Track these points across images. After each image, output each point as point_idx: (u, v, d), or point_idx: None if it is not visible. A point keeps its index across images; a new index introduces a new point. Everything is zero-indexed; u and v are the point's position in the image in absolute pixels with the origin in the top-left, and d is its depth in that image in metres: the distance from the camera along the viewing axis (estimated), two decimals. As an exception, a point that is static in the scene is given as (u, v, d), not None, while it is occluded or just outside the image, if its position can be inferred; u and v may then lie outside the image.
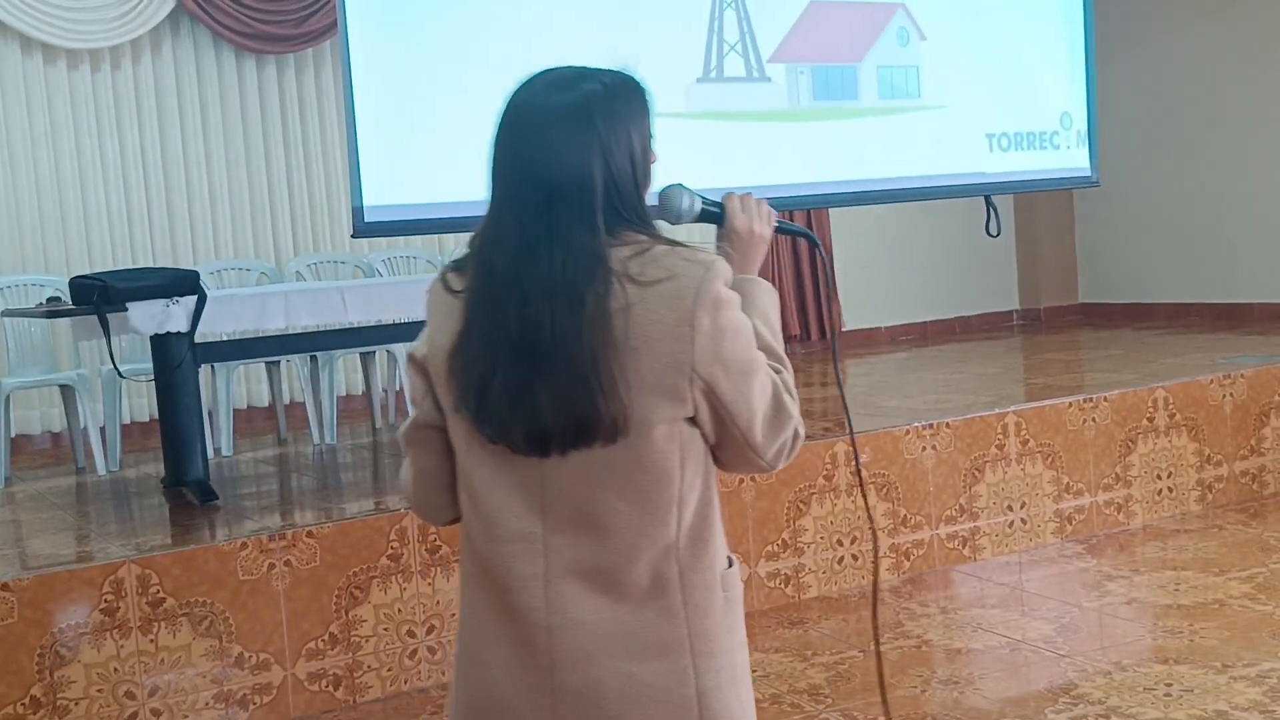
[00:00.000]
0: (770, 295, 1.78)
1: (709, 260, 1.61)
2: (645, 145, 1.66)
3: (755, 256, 1.82)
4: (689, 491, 1.63)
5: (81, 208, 7.02)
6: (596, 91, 1.64)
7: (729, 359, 1.60)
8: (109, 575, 3.77)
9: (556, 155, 1.60)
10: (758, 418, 1.64)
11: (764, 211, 1.83)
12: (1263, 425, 5.96)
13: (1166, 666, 3.85)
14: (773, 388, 1.66)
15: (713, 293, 1.58)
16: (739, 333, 1.61)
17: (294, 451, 6.23)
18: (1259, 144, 8.47)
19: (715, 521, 1.68)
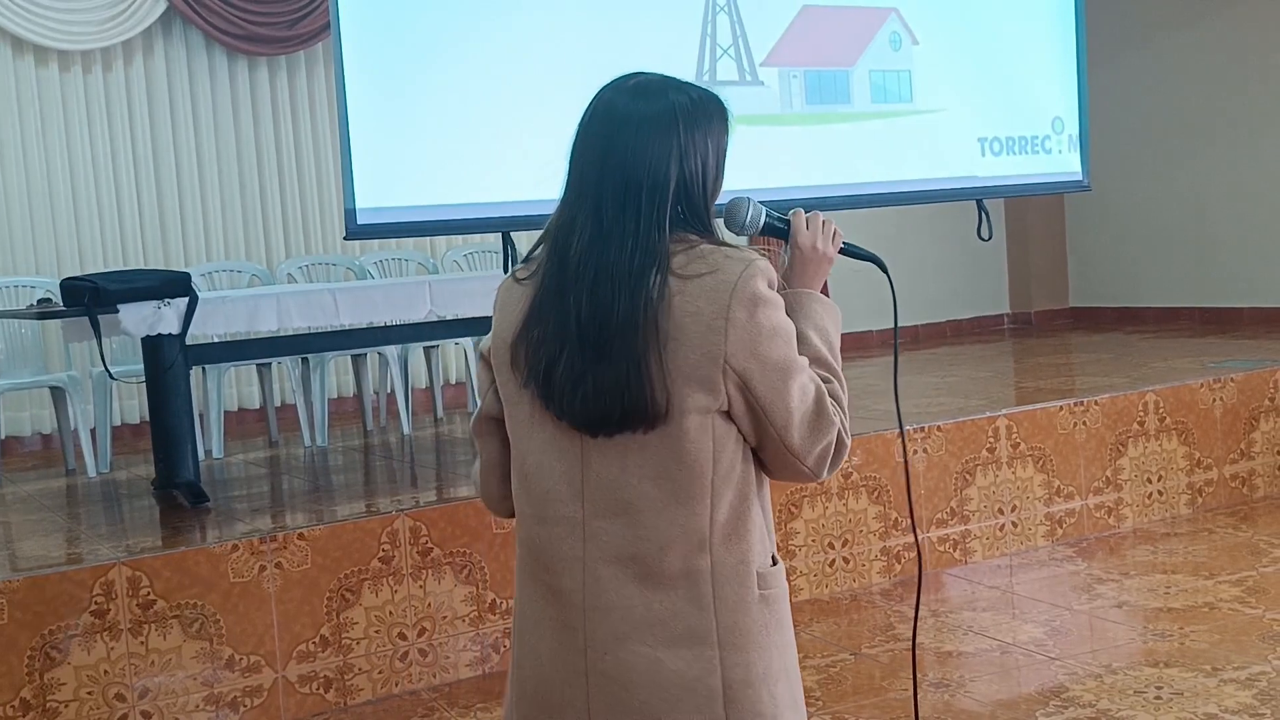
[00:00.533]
0: (828, 310, 1.83)
1: (750, 258, 1.67)
2: (720, 158, 1.77)
3: (816, 273, 1.86)
4: (723, 484, 1.68)
5: (73, 209, 7.01)
6: (682, 103, 1.75)
7: (764, 355, 1.65)
8: (99, 577, 3.76)
9: (639, 155, 1.70)
10: (794, 419, 1.68)
11: (830, 231, 1.87)
12: (1252, 429, 5.98)
13: (1157, 669, 3.86)
14: (815, 392, 1.70)
15: (750, 289, 1.65)
16: (776, 332, 1.66)
17: (285, 454, 6.23)
18: (1248, 150, 8.50)
19: (754, 518, 1.71)
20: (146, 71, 7.22)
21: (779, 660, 1.73)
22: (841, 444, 1.73)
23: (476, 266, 7.49)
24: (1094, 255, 9.71)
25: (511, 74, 5.01)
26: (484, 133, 4.92)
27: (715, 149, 1.75)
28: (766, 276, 1.67)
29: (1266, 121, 8.39)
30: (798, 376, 1.68)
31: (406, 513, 4.22)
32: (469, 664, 4.26)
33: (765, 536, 1.74)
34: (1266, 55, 8.35)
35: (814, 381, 1.71)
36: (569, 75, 4.96)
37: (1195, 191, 8.86)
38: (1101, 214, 9.44)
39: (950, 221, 8.66)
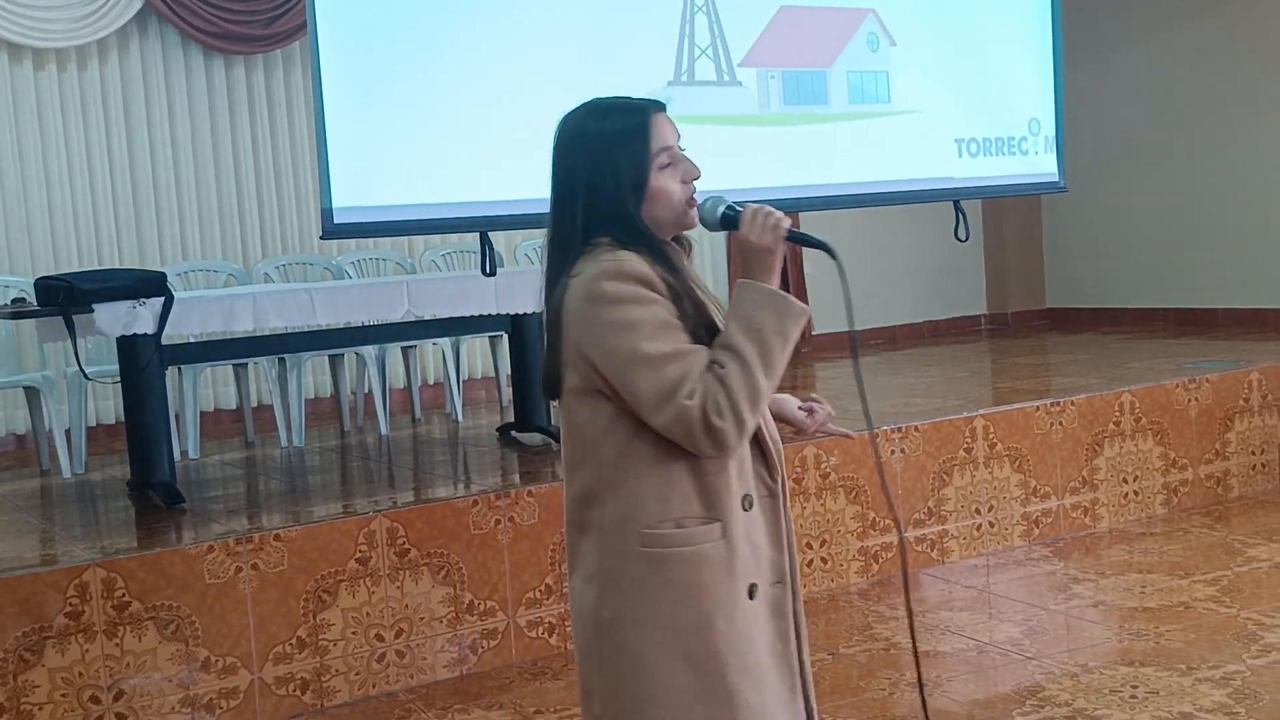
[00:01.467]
0: (760, 299, 1.93)
1: (606, 261, 1.92)
2: (633, 167, 1.96)
3: (757, 264, 1.97)
4: (603, 445, 1.95)
5: (47, 208, 6.96)
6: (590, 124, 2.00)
7: (607, 347, 1.89)
8: (74, 578, 3.74)
9: (560, 172, 2.01)
10: (644, 401, 1.89)
11: (769, 223, 1.97)
12: (1227, 429, 6.02)
13: (1132, 668, 3.88)
14: (671, 378, 1.87)
15: (593, 288, 1.90)
16: (615, 326, 1.89)
17: (261, 454, 6.20)
18: (1225, 151, 8.55)
19: (640, 479, 1.94)
20: (122, 70, 7.17)
21: (664, 611, 1.94)
22: (709, 424, 1.86)
23: (454, 266, 7.48)
24: (1070, 256, 9.75)
25: (488, 73, 4.99)
26: (461, 132, 4.91)
27: (626, 160, 1.96)
28: (616, 276, 1.89)
29: (1242, 123, 8.44)
30: (644, 363, 1.87)
31: (384, 513, 4.21)
32: (446, 665, 4.25)
33: (668, 500, 1.94)
34: (1242, 58, 8.40)
35: (681, 366, 1.87)
36: (546, 75, 4.96)
37: (1171, 193, 8.91)
38: (1078, 215, 9.48)
39: (927, 222, 8.68)
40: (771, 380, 1.90)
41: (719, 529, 1.95)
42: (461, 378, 7.32)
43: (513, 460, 5.41)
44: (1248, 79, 8.38)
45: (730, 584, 1.96)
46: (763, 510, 2.03)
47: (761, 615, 2.00)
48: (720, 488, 1.95)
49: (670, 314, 1.91)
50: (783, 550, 2.05)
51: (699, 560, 1.94)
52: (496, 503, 4.36)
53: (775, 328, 1.91)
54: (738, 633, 1.96)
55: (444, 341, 6.89)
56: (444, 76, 4.94)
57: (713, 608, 1.94)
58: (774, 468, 2.05)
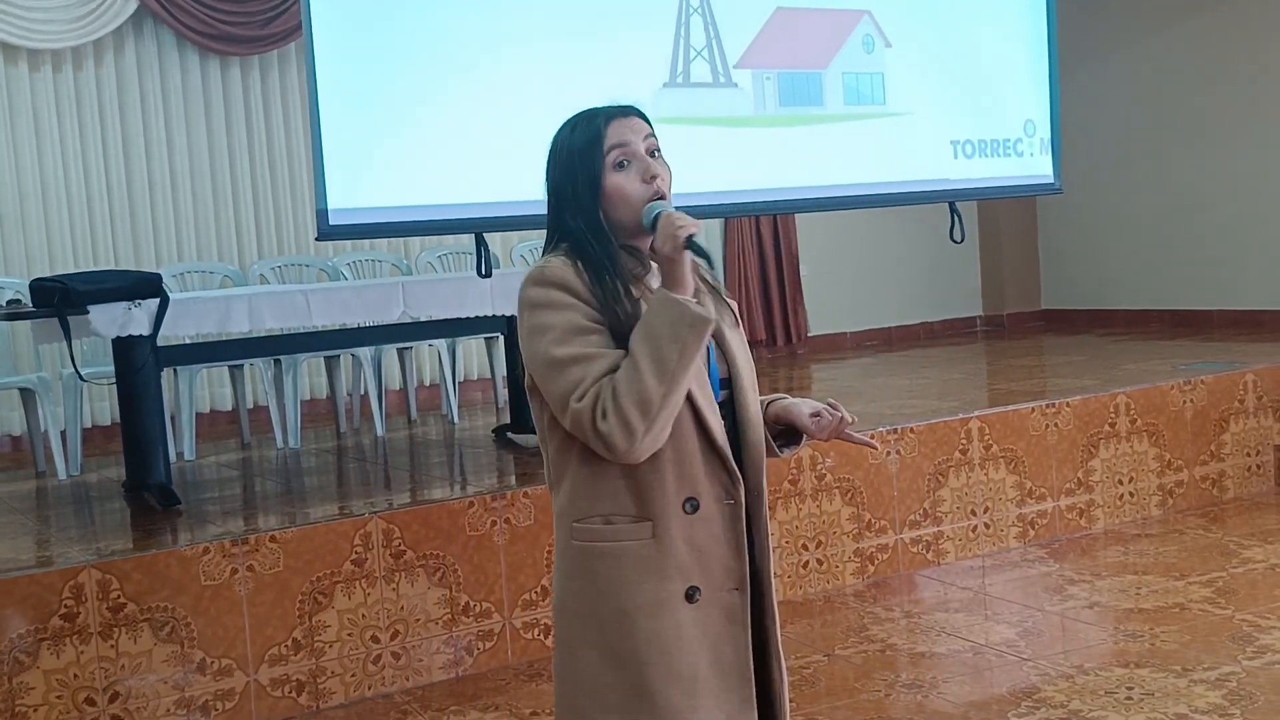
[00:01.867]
0: (663, 310, 1.92)
1: (532, 269, 1.99)
2: (585, 174, 2.00)
3: (664, 271, 1.95)
4: (549, 442, 2.03)
5: (42, 209, 6.95)
6: (558, 133, 2.06)
7: (529, 350, 1.97)
8: (69, 580, 3.73)
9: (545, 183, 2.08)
10: (550, 402, 1.96)
11: (670, 231, 1.93)
12: (1222, 431, 6.03)
13: (1128, 670, 3.88)
14: (570, 383, 1.91)
15: (522, 294, 1.98)
16: (535, 330, 1.95)
17: (257, 456, 6.19)
18: (1219, 152, 8.57)
19: (574, 475, 1.99)
20: (117, 71, 7.16)
21: (588, 604, 1.99)
22: (595, 427, 1.88)
23: (450, 268, 7.48)
24: (1066, 258, 9.76)
25: (484, 75, 5.00)
26: (457, 133, 4.91)
27: (583, 164, 2.00)
28: (541, 282, 1.95)
29: (1237, 125, 8.45)
30: (552, 366, 1.93)
31: (379, 515, 4.20)
32: (442, 667, 4.25)
33: (597, 496, 1.98)
34: (1237, 60, 8.42)
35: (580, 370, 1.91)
36: (542, 76, 4.96)
37: (1166, 195, 8.92)
38: (1073, 217, 9.50)
39: (923, 224, 8.69)
40: (665, 385, 1.88)
41: (649, 528, 1.97)
42: (457, 379, 7.32)
43: (509, 462, 5.41)
44: (1242, 81, 8.39)
45: (659, 584, 1.96)
46: (718, 515, 2.01)
47: (706, 620, 1.99)
48: (652, 487, 1.96)
49: (586, 318, 1.93)
50: (743, 557, 2.03)
51: (622, 556, 1.97)
52: (492, 504, 4.36)
53: (670, 334, 1.89)
54: (662, 633, 1.96)
55: (440, 343, 6.89)
56: (440, 77, 4.94)
57: (634, 606, 1.96)
58: (735, 475, 2.02)
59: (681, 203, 2.04)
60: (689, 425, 1.97)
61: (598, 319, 1.94)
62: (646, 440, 1.90)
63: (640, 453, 1.91)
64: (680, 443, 1.97)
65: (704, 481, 1.99)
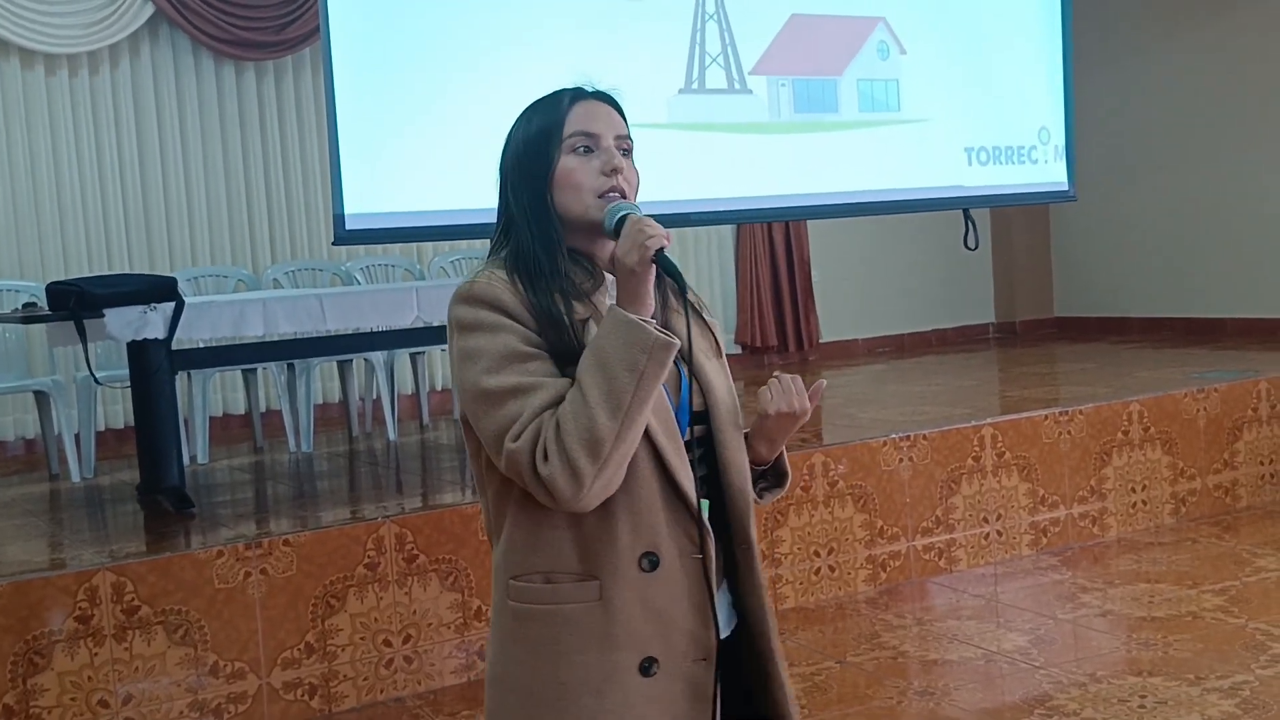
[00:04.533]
0: (617, 333, 1.63)
1: (462, 284, 1.75)
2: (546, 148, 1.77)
3: (623, 285, 1.67)
4: (487, 482, 1.77)
5: (58, 213, 6.98)
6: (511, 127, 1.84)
7: (459, 378, 1.70)
8: (84, 583, 3.74)
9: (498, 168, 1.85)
10: (483, 439, 1.69)
11: (638, 240, 1.65)
12: (1236, 439, 6.01)
13: (1140, 678, 3.88)
14: (507, 416, 1.64)
15: (451, 314, 1.74)
16: (466, 355, 1.69)
17: (270, 459, 6.21)
18: (1232, 161, 8.55)
19: (512, 524, 1.73)
20: (133, 75, 7.20)
21: (522, 675, 1.72)
22: (535, 470, 1.61)
23: (463, 273, 7.48)
24: (1079, 265, 9.75)
25: (500, 80, 5.01)
26: (473, 139, 4.88)
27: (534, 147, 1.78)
28: (468, 300, 1.71)
29: (1251, 133, 8.44)
30: (484, 399, 1.66)
31: (392, 519, 4.21)
32: (454, 671, 4.25)
33: (536, 549, 1.70)
34: (1252, 67, 8.40)
35: (518, 404, 1.64)
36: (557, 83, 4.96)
37: (1179, 202, 8.90)
38: (1086, 224, 9.48)
39: (936, 231, 8.68)
40: (618, 422, 1.59)
41: (595, 589, 1.68)
42: (470, 384, 7.31)
43: (521, 467, 5.41)
44: (1256, 88, 8.37)
45: (606, 654, 1.68)
46: (683, 574, 1.70)
47: (665, 696, 1.70)
48: (599, 541, 1.67)
49: (523, 341, 1.67)
50: (708, 623, 1.71)
51: (562, 622, 1.68)
52: (505, 509, 4.36)
53: (624, 361, 1.60)
54: (608, 713, 1.68)
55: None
56: (456, 83, 4.95)
57: (577, 679, 1.68)
58: (703, 525, 1.71)
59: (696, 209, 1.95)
60: (647, 467, 1.68)
61: (537, 342, 1.67)
62: (596, 486, 1.60)
63: (589, 501, 1.62)
64: (636, 488, 1.67)
65: (665, 533, 1.69)
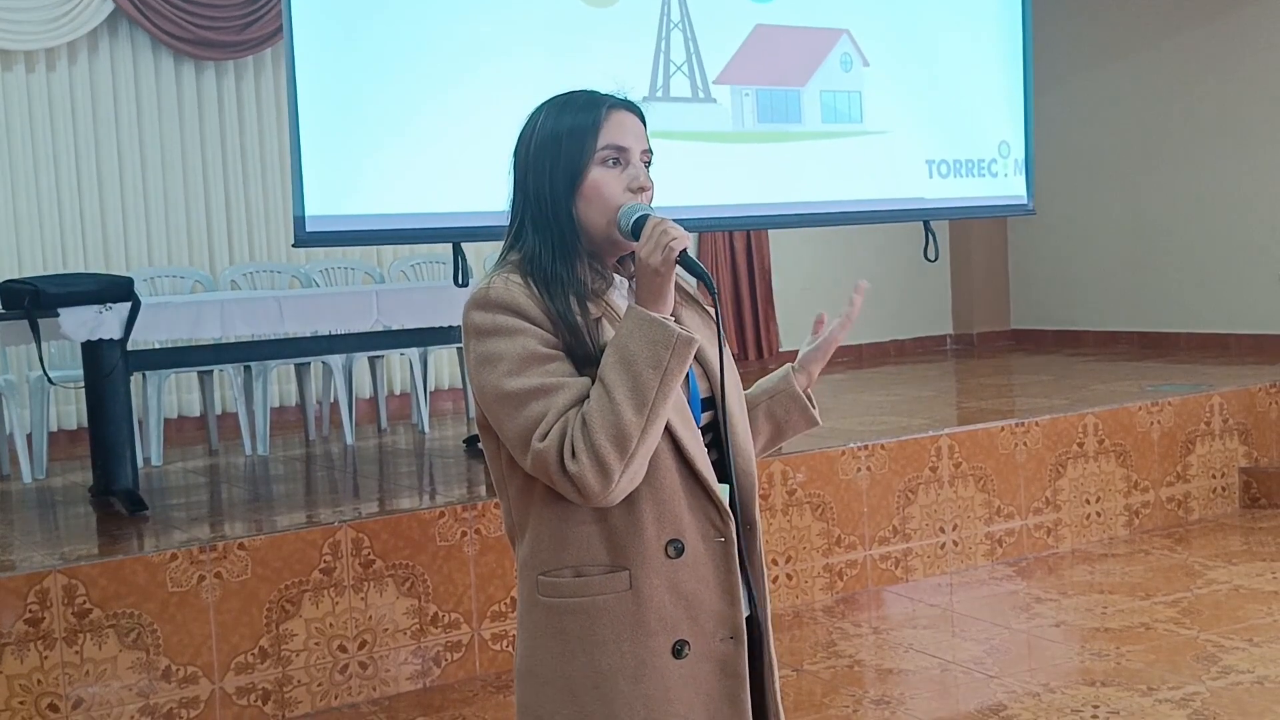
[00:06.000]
0: (641, 331, 1.69)
1: (478, 289, 1.77)
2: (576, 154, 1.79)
3: (645, 285, 1.73)
4: (508, 484, 1.82)
5: (13, 210, 6.90)
6: (532, 123, 1.85)
7: (477, 381, 1.76)
8: (34, 585, 3.69)
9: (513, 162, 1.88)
10: (506, 441, 1.75)
11: (662, 242, 1.71)
12: (1189, 452, 6.08)
13: (1094, 688, 3.91)
14: (531, 417, 1.70)
15: (466, 319, 1.77)
16: (484, 359, 1.73)
17: (225, 462, 6.15)
18: (1188, 176, 8.65)
19: (538, 522, 1.79)
20: (92, 73, 7.12)
21: (559, 668, 1.78)
22: (564, 468, 1.67)
23: (423, 277, 7.46)
24: (1035, 278, 9.83)
25: (464, 85, 5.00)
26: (435, 142, 4.91)
27: (571, 149, 1.80)
28: (484, 304, 1.74)
29: (1206, 149, 8.54)
30: (507, 401, 1.71)
31: (349, 524, 4.19)
32: (410, 677, 4.23)
33: (565, 545, 1.77)
34: (1208, 83, 8.51)
35: (542, 404, 1.69)
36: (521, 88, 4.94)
37: (1135, 217, 9.01)
38: (1043, 237, 9.57)
39: (895, 242, 8.74)
40: (644, 417, 1.66)
41: (625, 578, 1.75)
42: (429, 388, 7.30)
43: (479, 472, 5.39)
44: (1212, 105, 8.48)
45: (640, 641, 1.75)
46: (708, 556, 1.79)
47: (697, 676, 1.78)
48: (627, 532, 1.74)
49: (542, 344, 1.72)
50: (735, 602, 1.80)
51: (597, 613, 1.75)
52: (462, 514, 4.35)
53: (650, 360, 1.67)
54: (647, 697, 1.75)
55: (411, 352, 6.87)
56: (419, 87, 4.93)
57: (613, 667, 1.75)
58: (724, 509, 1.79)
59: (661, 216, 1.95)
60: (668, 458, 1.76)
61: (555, 343, 1.73)
62: (623, 480, 1.68)
63: (617, 495, 1.69)
64: (659, 478, 1.75)
65: (688, 520, 1.77)
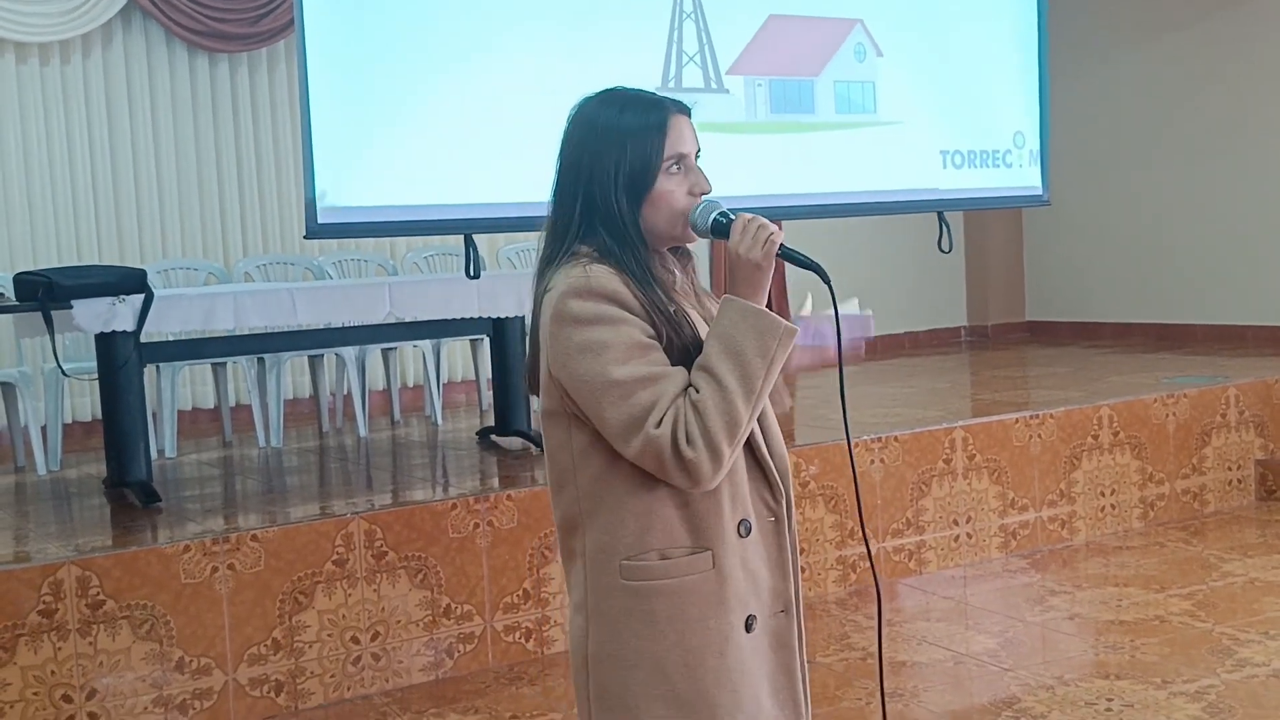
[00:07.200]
0: (743, 317, 1.78)
1: (572, 277, 1.78)
2: (634, 167, 1.82)
3: (746, 280, 1.81)
4: (579, 472, 1.83)
5: (28, 203, 6.91)
6: (598, 116, 1.85)
7: (573, 371, 1.76)
8: (48, 576, 3.71)
9: (560, 167, 1.87)
10: (610, 428, 1.76)
11: (760, 237, 1.80)
12: (1204, 444, 6.05)
13: (1108, 681, 3.89)
14: (641, 403, 1.73)
15: (559, 308, 1.77)
16: (584, 348, 1.75)
17: (239, 454, 6.17)
18: (1205, 167, 8.60)
19: (619, 508, 1.81)
20: (105, 66, 7.13)
21: (646, 649, 1.81)
22: (680, 454, 1.72)
23: (436, 269, 7.46)
24: (1051, 270, 9.79)
25: (475, 76, 4.99)
26: (448, 134, 4.90)
27: (636, 157, 1.82)
28: (581, 294, 1.75)
29: (1223, 139, 8.49)
30: (613, 389, 1.74)
31: (361, 516, 4.19)
32: (422, 669, 4.23)
33: (649, 530, 1.81)
34: (1225, 73, 8.45)
35: (651, 392, 1.74)
36: (533, 79, 4.96)
37: (1152, 208, 8.96)
38: (1059, 229, 9.53)
39: (909, 234, 8.70)
40: (753, 405, 1.75)
41: (709, 558, 1.82)
42: (441, 380, 7.30)
43: (492, 464, 5.40)
44: (1228, 95, 8.43)
45: (723, 617, 1.83)
46: (764, 535, 1.89)
47: (761, 649, 1.88)
48: (709, 514, 1.82)
49: (643, 333, 1.77)
50: (788, 577, 1.92)
51: (685, 593, 1.81)
52: (475, 506, 4.35)
53: (757, 349, 1.76)
54: (730, 670, 1.83)
55: (424, 344, 6.87)
56: (431, 79, 4.92)
57: (702, 644, 1.82)
58: (776, 488, 1.90)
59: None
60: None
61: (652, 333, 1.77)
62: (729, 466, 1.76)
63: (719, 479, 1.77)
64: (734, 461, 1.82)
65: (751, 500, 1.87)
